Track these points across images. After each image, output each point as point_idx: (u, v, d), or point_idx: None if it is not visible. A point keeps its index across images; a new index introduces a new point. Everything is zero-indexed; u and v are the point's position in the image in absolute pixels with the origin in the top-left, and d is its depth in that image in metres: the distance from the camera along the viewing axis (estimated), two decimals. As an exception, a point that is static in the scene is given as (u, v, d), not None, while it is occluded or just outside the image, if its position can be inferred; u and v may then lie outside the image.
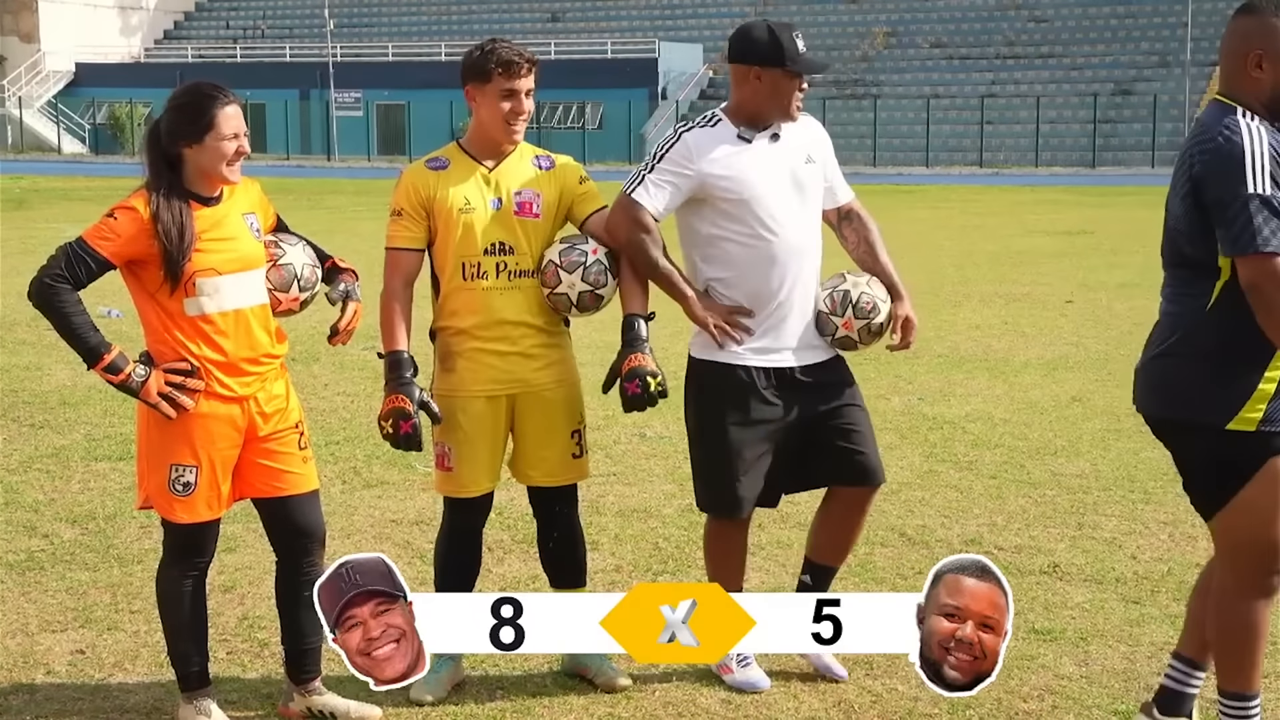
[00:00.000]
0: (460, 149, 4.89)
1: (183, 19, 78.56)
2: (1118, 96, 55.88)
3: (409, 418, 4.68)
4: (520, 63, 4.73)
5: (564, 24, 70.28)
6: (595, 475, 7.72)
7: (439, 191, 4.77)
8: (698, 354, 4.85)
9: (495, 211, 4.78)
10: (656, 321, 4.87)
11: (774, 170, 4.75)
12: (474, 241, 4.76)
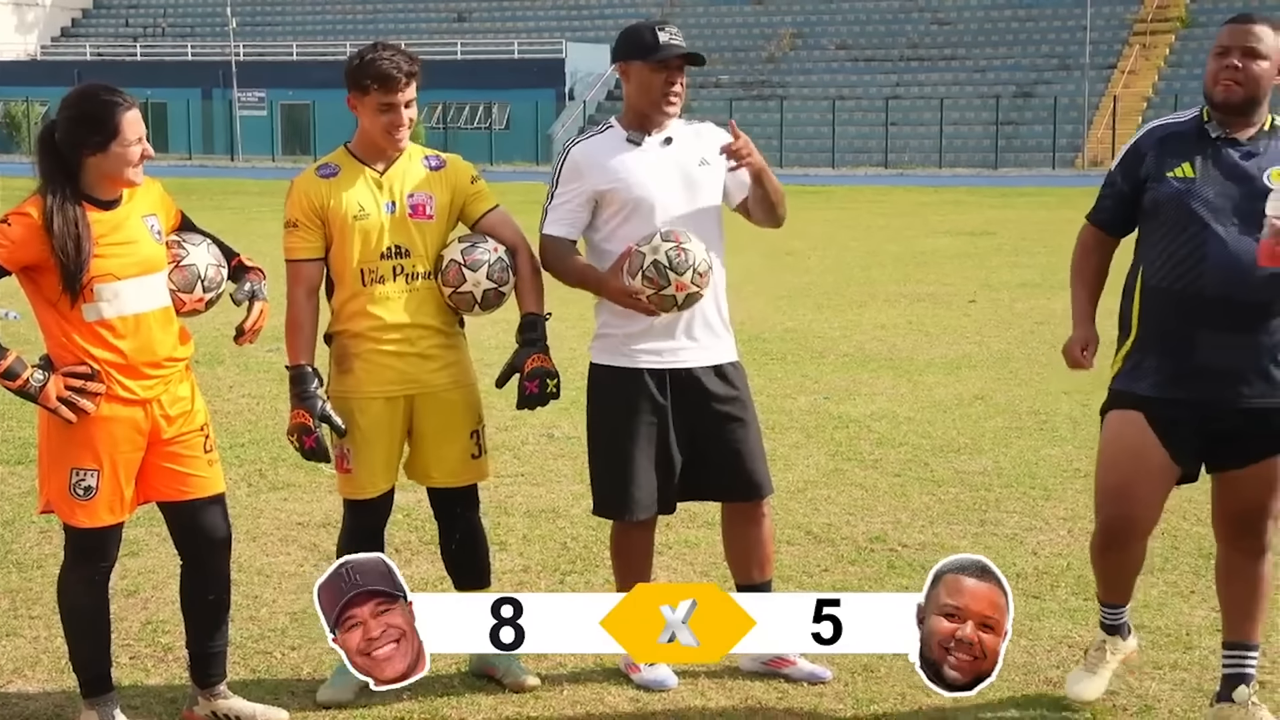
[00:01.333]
0: (349, 154, 4.86)
1: (80, 16, 77.28)
2: (1019, 99, 56.61)
3: (311, 432, 4.69)
4: (397, 76, 4.68)
5: (470, 24, 69.98)
6: (503, 476, 7.74)
7: (332, 199, 4.75)
8: (596, 359, 4.92)
9: (390, 216, 4.77)
10: (573, 327, 4.91)
11: (664, 172, 4.80)
12: (370, 247, 4.75)
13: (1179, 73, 56.72)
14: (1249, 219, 4.28)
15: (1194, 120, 4.49)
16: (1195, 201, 4.35)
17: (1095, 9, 57.53)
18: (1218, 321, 4.32)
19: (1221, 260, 4.30)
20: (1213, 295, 4.30)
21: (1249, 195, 4.31)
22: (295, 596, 5.90)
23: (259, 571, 6.21)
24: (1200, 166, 4.39)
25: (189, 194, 34.35)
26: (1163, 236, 4.41)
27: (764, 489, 4.98)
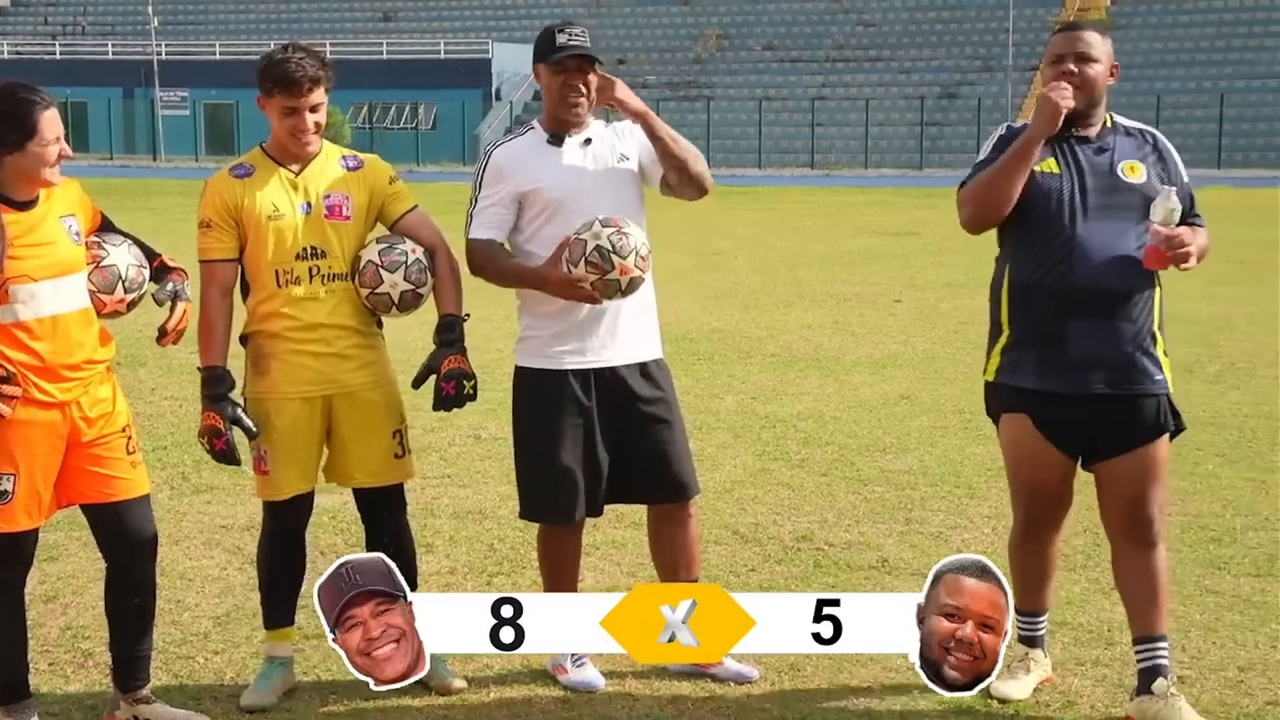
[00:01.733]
0: (265, 154, 4.82)
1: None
2: (943, 100, 57.08)
3: (221, 435, 4.66)
4: (301, 80, 4.63)
5: (396, 24, 69.63)
6: (429, 477, 7.70)
7: (246, 199, 4.70)
8: (521, 362, 4.91)
9: (305, 216, 4.73)
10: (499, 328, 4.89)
11: (584, 172, 4.82)
12: (285, 248, 4.71)
13: (1100, 75, 57.35)
14: (1109, 211, 4.53)
15: None
16: (1062, 196, 4.56)
17: (1018, 11, 58.11)
18: (1088, 312, 4.50)
19: (1088, 253, 4.49)
20: (1081, 287, 4.49)
21: (1107, 189, 4.56)
22: (219, 600, 5.84)
23: (182, 575, 6.14)
24: (1063, 163, 4.60)
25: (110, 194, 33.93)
26: (1030, 233, 4.59)
27: (690, 490, 4.98)
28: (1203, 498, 7.30)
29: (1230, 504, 7.18)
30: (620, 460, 4.88)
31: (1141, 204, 4.54)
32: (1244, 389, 10.19)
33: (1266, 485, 7.54)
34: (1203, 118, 52.54)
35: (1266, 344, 12.16)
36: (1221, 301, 14.94)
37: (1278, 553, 6.36)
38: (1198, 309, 14.31)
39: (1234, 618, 5.55)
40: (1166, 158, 4.71)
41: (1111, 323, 4.52)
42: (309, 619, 5.54)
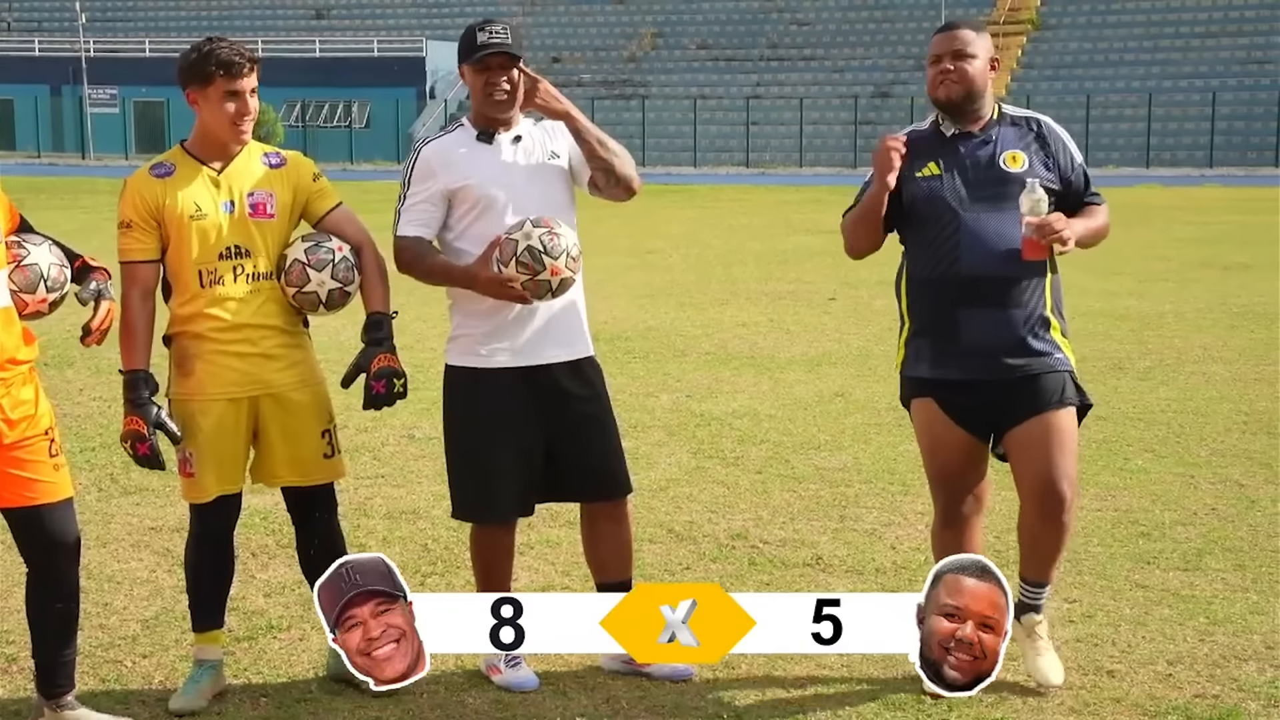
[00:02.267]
0: (185, 152, 4.75)
1: (-82, 11, 75.11)
2: (877, 99, 57.40)
3: (145, 440, 4.60)
4: (241, 62, 4.61)
5: (329, 21, 69.21)
6: (363, 477, 7.65)
7: (168, 199, 4.63)
8: (452, 361, 4.87)
9: (228, 215, 4.67)
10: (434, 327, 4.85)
11: (514, 170, 4.79)
12: (208, 247, 4.65)
13: (1031, 74, 57.95)
14: (993, 202, 4.72)
15: (932, 125, 4.92)
16: (944, 195, 4.77)
17: (950, 11, 58.52)
18: (976, 300, 4.71)
19: (972, 244, 4.70)
20: (968, 276, 4.70)
21: (990, 181, 4.76)
22: (147, 603, 5.76)
23: (109, 578, 6.06)
24: (944, 164, 4.81)
25: (39, 193, 33.57)
26: (921, 231, 4.82)
27: (623, 488, 4.96)
28: (1132, 493, 7.37)
29: (1159, 499, 7.25)
30: (553, 459, 4.86)
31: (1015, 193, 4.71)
32: (1172, 385, 10.30)
33: (1195, 480, 7.62)
34: (1132, 117, 53.15)
35: (1194, 340, 12.31)
36: (1151, 298, 15.11)
37: (1206, 547, 6.42)
38: (1127, 305, 14.49)
39: (1163, 611, 5.60)
40: (1052, 142, 4.86)
41: (1001, 310, 4.71)
42: (240, 621, 5.52)
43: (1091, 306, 14.42)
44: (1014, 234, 4.65)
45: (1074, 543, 6.46)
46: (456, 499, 4.96)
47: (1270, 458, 8.07)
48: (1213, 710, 4.69)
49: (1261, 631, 5.38)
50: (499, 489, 4.81)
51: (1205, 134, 51.08)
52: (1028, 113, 4.96)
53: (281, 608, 5.72)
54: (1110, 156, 51.72)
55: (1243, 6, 58.06)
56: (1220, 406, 9.49)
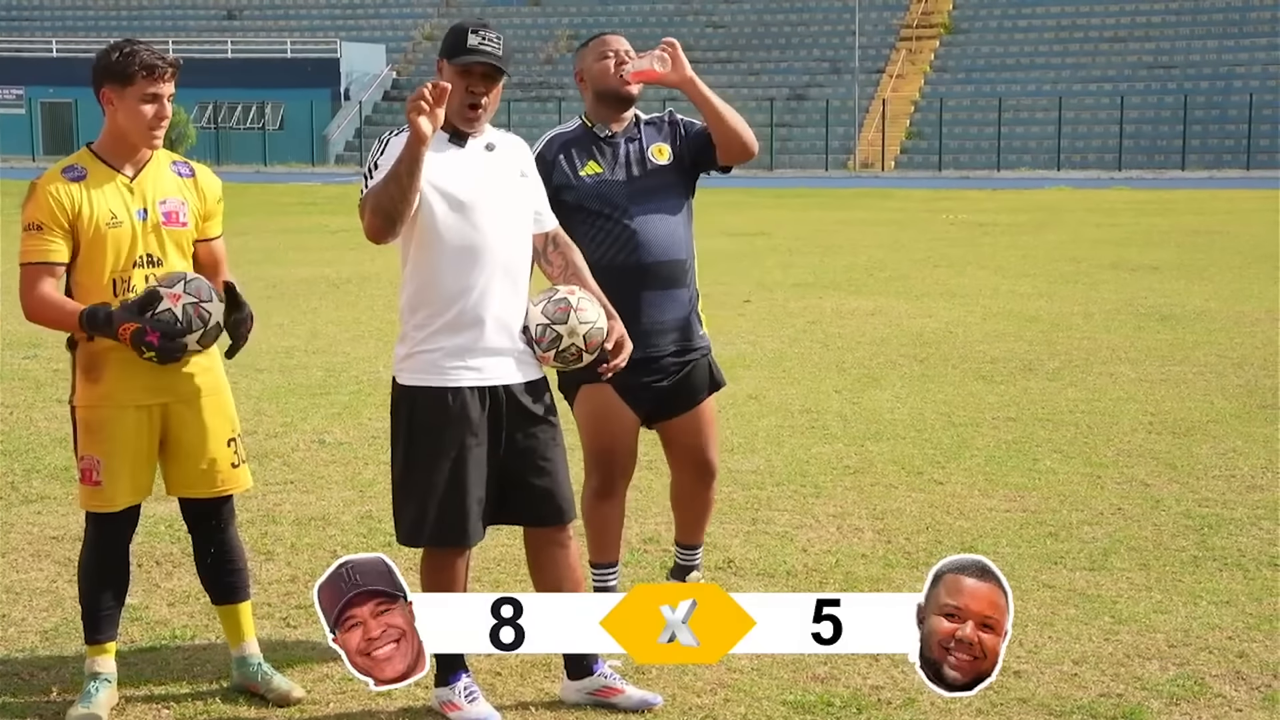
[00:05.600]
0: (94, 156, 4.65)
1: None
2: (793, 101, 57.71)
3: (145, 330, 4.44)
4: (163, 66, 4.54)
5: (241, 22, 68.54)
6: (271, 483, 7.55)
7: (85, 205, 4.54)
8: (405, 380, 4.64)
9: (141, 223, 4.59)
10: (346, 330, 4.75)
11: (487, 178, 4.61)
12: (122, 255, 4.57)
13: (944, 77, 58.52)
14: (651, 193, 5.25)
15: (580, 127, 5.36)
16: (610, 189, 5.22)
17: (864, 14, 59.03)
18: (654, 285, 5.21)
19: (646, 233, 5.20)
20: (648, 263, 5.19)
21: (644, 174, 5.27)
22: (47, 614, 5.65)
23: (8, 589, 5.93)
24: (603, 161, 5.27)
25: (-58, 195, 32.92)
26: (593, 225, 5.20)
27: (569, 513, 4.79)
28: (1040, 493, 7.43)
29: (1067, 499, 7.32)
30: (504, 481, 4.67)
31: (675, 181, 5.31)
32: (1080, 385, 10.41)
33: (1101, 480, 7.70)
34: (1043, 120, 53.82)
35: (1102, 341, 12.45)
36: (1060, 299, 15.28)
37: (1111, 546, 6.49)
38: (1038, 307, 14.65)
39: (1069, 611, 5.65)
40: (676, 123, 5.44)
41: (673, 291, 5.25)
42: (143, 631, 5.44)
43: (1002, 308, 14.58)
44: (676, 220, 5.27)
45: (982, 544, 6.53)
46: (412, 524, 4.65)
47: (1175, 458, 8.17)
48: (1117, 709, 4.74)
49: (1165, 630, 5.44)
50: (462, 512, 4.59)
51: (1114, 137, 51.84)
52: (656, 115, 5.52)
53: (186, 617, 5.63)
54: (1022, 159, 52.37)
55: (1149, 12, 59.00)
56: (1127, 407, 9.60)
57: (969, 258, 19.77)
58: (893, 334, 12.86)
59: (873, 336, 12.70)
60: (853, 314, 14.04)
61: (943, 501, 7.29)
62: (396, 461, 4.69)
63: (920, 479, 7.74)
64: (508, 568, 6.17)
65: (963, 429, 8.97)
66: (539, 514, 4.76)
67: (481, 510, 4.64)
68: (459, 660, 4.73)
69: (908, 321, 13.66)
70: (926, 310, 14.46)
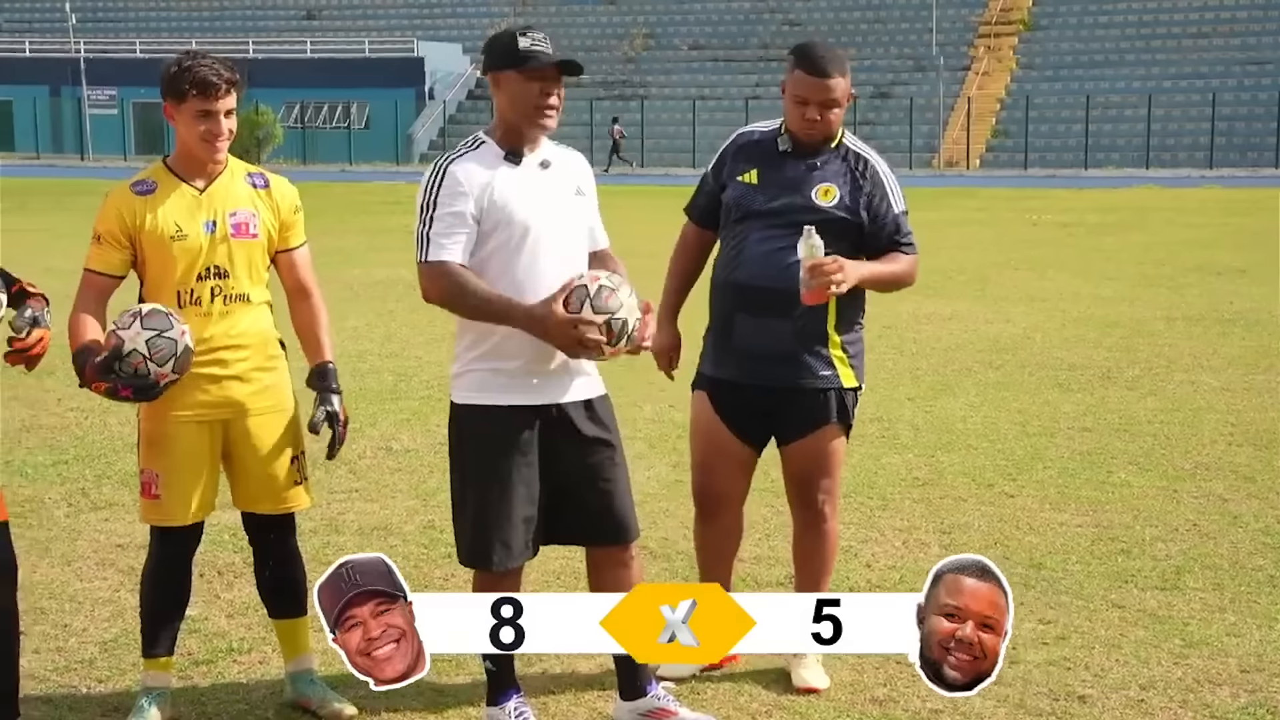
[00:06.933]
0: (168, 169, 4.66)
1: (-94, 11, 75.12)
2: (876, 99, 57.33)
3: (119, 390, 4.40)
4: (218, 83, 4.50)
5: (320, 22, 69.18)
6: (337, 491, 7.56)
7: (147, 218, 4.55)
8: (461, 399, 4.57)
9: (209, 235, 4.58)
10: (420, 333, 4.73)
11: (544, 196, 4.50)
12: (188, 268, 4.56)
13: (1030, 74, 57.92)
14: (787, 224, 4.84)
15: (772, 132, 5.04)
16: (749, 203, 4.95)
17: (941, 11, 58.57)
18: (748, 309, 4.94)
19: (753, 254, 4.90)
20: (743, 283, 4.93)
21: (794, 206, 4.89)
22: (108, 625, 5.67)
23: (71, 598, 5.97)
24: (762, 174, 4.96)
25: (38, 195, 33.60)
26: (725, 232, 5.05)
27: (631, 532, 4.72)
28: (1113, 508, 7.28)
29: (1140, 514, 7.16)
30: (561, 500, 4.61)
31: (823, 227, 4.77)
32: (1159, 394, 10.21)
33: (1177, 494, 7.53)
34: (1131, 117, 53.10)
35: (1184, 348, 12.22)
36: (1142, 303, 15.03)
37: (1185, 565, 6.33)
38: (1119, 312, 14.41)
39: (1138, 633, 5.51)
40: (873, 183, 4.95)
41: (770, 321, 4.91)
42: (201, 643, 5.45)
43: (1082, 312, 14.36)
44: (793, 258, 4.78)
45: (1051, 560, 6.39)
46: (470, 544, 4.62)
47: (1255, 471, 7.98)
48: (1184, 738, 4.62)
49: (1237, 655, 5.29)
50: (516, 534, 4.54)
51: (1205, 134, 51.02)
52: (864, 151, 5.04)
53: (244, 629, 5.63)
54: (1110, 157, 51.70)
55: (1234, 7, 58.06)
56: (1207, 417, 9.39)
57: (1051, 260, 19.50)
58: (969, 339, 12.70)
59: (948, 342, 12.55)
60: (929, 319, 13.88)
61: (1012, 515, 7.15)
62: (454, 480, 4.66)
63: (990, 491, 7.61)
64: (567, 580, 6.13)
65: (1036, 439, 8.81)
66: (598, 533, 4.69)
67: (530, 530, 4.58)
68: (510, 679, 4.69)
69: (985, 327, 13.48)
70: (1005, 315, 14.27)
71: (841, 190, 4.91)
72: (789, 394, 4.97)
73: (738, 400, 5.01)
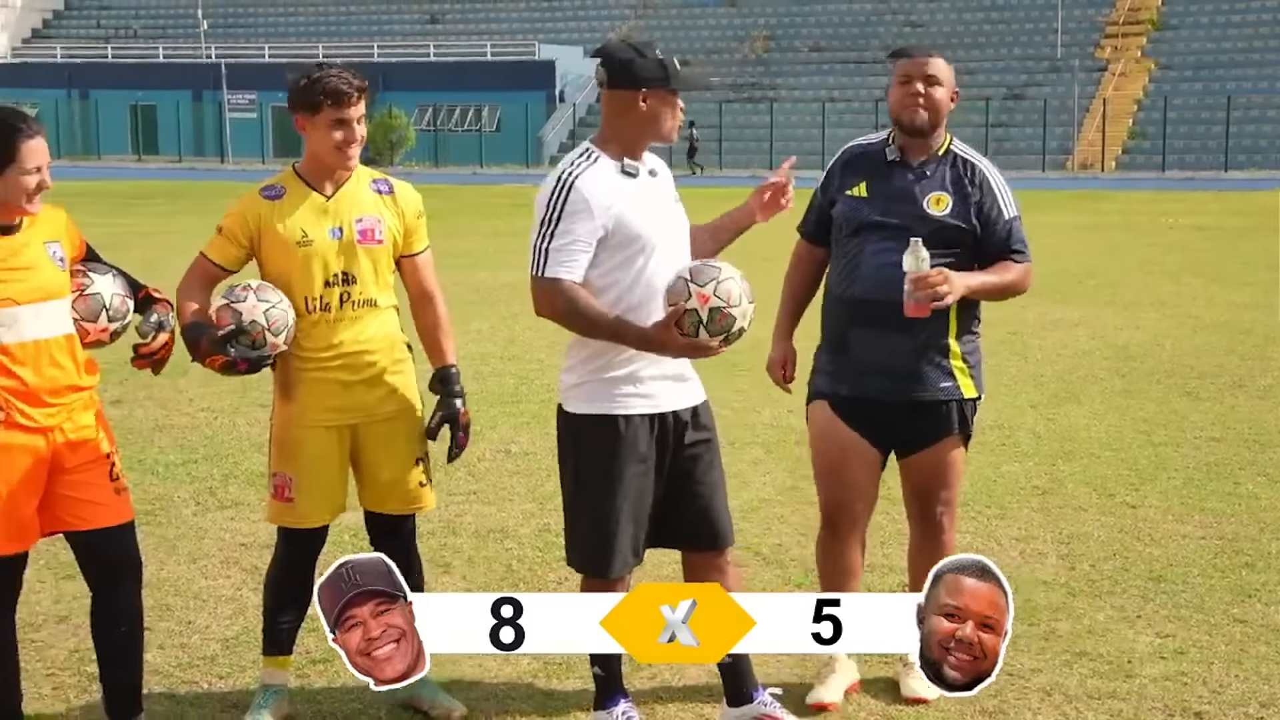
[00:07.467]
0: (297, 175, 4.76)
1: (51, 17, 77.24)
2: (1009, 101, 56.59)
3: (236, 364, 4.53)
4: (350, 91, 4.60)
5: (443, 25, 69.95)
6: (455, 493, 7.65)
7: (274, 223, 4.65)
8: (575, 409, 4.59)
9: (335, 241, 4.67)
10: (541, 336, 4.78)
11: (658, 207, 4.56)
12: (314, 274, 4.65)
13: (1169, 74, 56.78)
14: (902, 234, 4.76)
15: (880, 142, 5.02)
16: (860, 217, 4.91)
17: (1066, 11, 57.64)
18: (867, 323, 4.89)
19: (871, 269, 4.86)
20: (861, 298, 4.88)
21: (909, 216, 4.85)
22: (230, 622, 5.81)
23: (195, 595, 6.12)
24: (871, 187, 4.93)
25: (179, 197, 34.42)
26: (837, 247, 5.02)
27: (727, 539, 4.74)
28: (1239, 519, 7.12)
29: (1267, 526, 7.00)
30: (665, 505, 4.65)
31: (936, 235, 4.77)
32: (1294, 404, 9.98)
33: (1308, 507, 7.36)
34: (1274, 118, 51.86)
35: (1321, 356, 11.92)
36: (1278, 310, 14.65)
37: (1312, 579, 6.19)
38: (1253, 319, 14.08)
39: (1259, 649, 5.40)
40: (984, 191, 4.91)
41: (890, 334, 4.84)
42: (319, 642, 5.51)
43: (1215, 319, 14.06)
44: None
45: (1172, 573, 6.28)
46: (580, 550, 4.68)
47: (1390, 484, 7.76)
48: (1302, 758, 4.51)
49: (1362, 673, 5.16)
50: (625, 541, 4.59)
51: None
52: (973, 156, 4.99)
53: (360, 628, 5.72)
54: (1252, 159, 50.51)
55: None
56: (1342, 427, 9.16)
57: (1185, 264, 19.11)
58: (1096, 346, 12.50)
59: (1075, 349, 12.36)
60: (1056, 324, 13.68)
61: (1133, 526, 7.04)
62: (566, 488, 4.70)
63: (1112, 501, 7.49)
64: (679, 586, 6.14)
65: (1162, 448, 8.66)
66: (695, 538, 4.72)
67: (640, 536, 4.62)
68: (618, 684, 4.73)
69: (1113, 333, 13.26)
70: (1135, 321, 14.02)
71: (953, 198, 4.87)
72: (910, 407, 4.92)
73: (856, 414, 4.96)
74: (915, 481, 5.09)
